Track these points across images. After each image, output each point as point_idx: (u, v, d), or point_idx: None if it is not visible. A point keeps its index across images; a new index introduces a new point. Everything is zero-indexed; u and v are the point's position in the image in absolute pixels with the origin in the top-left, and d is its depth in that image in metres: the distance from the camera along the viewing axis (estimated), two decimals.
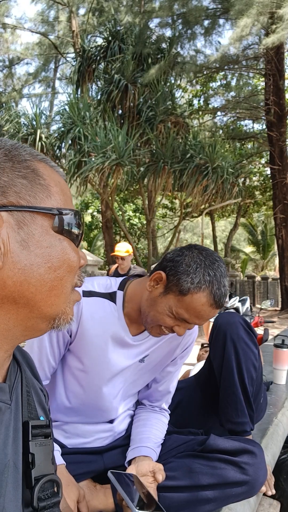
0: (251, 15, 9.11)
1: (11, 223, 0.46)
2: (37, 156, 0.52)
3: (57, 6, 19.80)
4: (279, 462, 1.82)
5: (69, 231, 0.51)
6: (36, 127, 9.77)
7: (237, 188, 10.83)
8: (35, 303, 0.49)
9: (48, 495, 0.54)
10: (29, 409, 0.56)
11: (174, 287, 1.03)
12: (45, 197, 0.49)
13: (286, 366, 2.37)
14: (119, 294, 1.15)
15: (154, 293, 1.08)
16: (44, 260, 0.48)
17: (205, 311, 1.03)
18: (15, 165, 0.48)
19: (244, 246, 31.44)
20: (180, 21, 12.27)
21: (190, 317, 1.04)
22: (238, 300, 4.82)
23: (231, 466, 1.12)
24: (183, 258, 1.05)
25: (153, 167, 10.03)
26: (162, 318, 1.06)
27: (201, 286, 1.01)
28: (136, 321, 1.16)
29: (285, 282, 14.10)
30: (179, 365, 1.33)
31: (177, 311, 1.04)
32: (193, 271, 1.02)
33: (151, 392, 1.35)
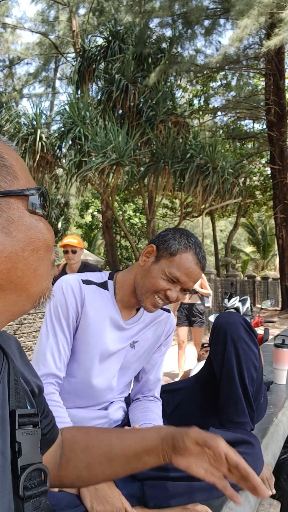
0: (252, 16, 9.11)
1: None
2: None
3: (57, 6, 19.80)
4: (280, 462, 1.82)
5: (41, 210, 0.52)
6: (37, 127, 9.77)
7: (237, 188, 10.82)
8: (23, 287, 0.49)
9: (35, 484, 0.54)
10: (17, 398, 0.56)
11: (165, 252, 1.23)
12: (13, 179, 0.49)
13: (287, 366, 2.37)
14: (110, 283, 1.32)
15: (147, 265, 1.25)
16: (26, 243, 0.49)
17: (193, 269, 1.21)
18: None
19: (244, 246, 31.46)
20: (180, 21, 12.26)
21: (181, 275, 1.20)
22: (239, 300, 4.82)
23: None
24: (167, 232, 1.27)
25: (154, 167, 10.03)
26: (157, 282, 1.21)
27: (187, 247, 1.22)
28: (127, 307, 1.32)
29: (286, 282, 14.10)
30: (163, 352, 1.46)
31: (170, 271, 1.20)
32: (178, 237, 1.24)
33: (143, 383, 1.45)
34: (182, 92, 15.47)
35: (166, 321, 1.42)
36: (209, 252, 29.26)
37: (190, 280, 1.22)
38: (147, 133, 10.35)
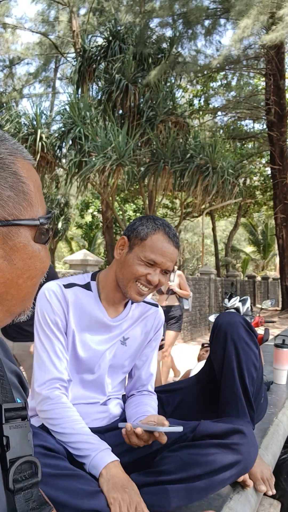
0: (252, 16, 9.11)
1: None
2: (16, 152, 0.49)
3: (58, 6, 19.80)
4: (280, 462, 1.82)
5: (46, 237, 0.52)
6: (37, 127, 9.77)
7: (237, 188, 10.82)
8: (9, 308, 0.50)
9: (26, 476, 0.54)
10: (4, 392, 0.56)
11: (136, 239, 1.25)
12: (27, 206, 0.48)
13: (287, 366, 2.37)
14: (92, 284, 1.33)
15: (122, 257, 1.27)
16: (24, 271, 0.49)
17: (166, 247, 1.23)
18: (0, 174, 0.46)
19: (244, 246, 31.45)
20: (180, 21, 12.26)
21: (156, 256, 1.22)
22: (239, 300, 4.81)
23: (223, 449, 1.14)
24: (135, 221, 1.30)
25: (154, 167, 10.03)
26: (134, 268, 1.23)
27: (155, 228, 1.24)
28: (114, 304, 1.33)
29: (286, 282, 14.10)
30: (154, 347, 1.47)
31: (144, 255, 1.22)
32: (145, 222, 1.27)
33: (136, 379, 1.46)
34: (182, 92, 15.47)
35: (154, 316, 1.43)
36: (210, 252, 29.26)
37: (167, 260, 1.23)
38: (147, 133, 10.35)
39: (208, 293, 11.46)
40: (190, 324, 10.12)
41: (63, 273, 5.69)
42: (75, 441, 1.11)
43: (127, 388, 1.49)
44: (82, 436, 1.11)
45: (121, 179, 9.56)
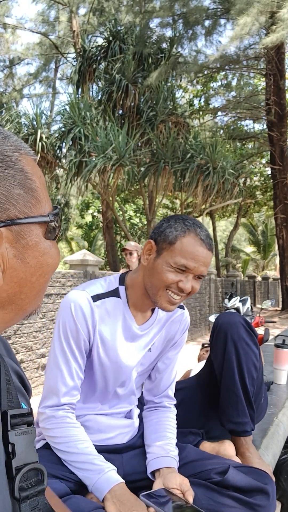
0: (252, 14, 9.11)
1: (9, 238, 0.45)
2: (20, 149, 0.49)
3: (58, 6, 19.80)
4: (280, 462, 1.82)
5: (55, 234, 0.51)
6: (37, 127, 9.77)
7: (237, 188, 10.83)
8: (22, 306, 0.50)
9: (32, 483, 0.53)
10: (9, 398, 0.55)
11: (164, 244, 1.13)
12: (36, 203, 0.48)
13: (287, 366, 2.37)
14: (121, 289, 1.23)
15: (150, 262, 1.16)
16: (37, 269, 0.49)
17: (198, 251, 1.11)
18: (7, 171, 0.45)
19: (244, 246, 31.45)
20: (180, 21, 12.27)
21: (188, 261, 1.10)
22: (239, 300, 4.81)
23: (244, 507, 1.11)
24: (162, 223, 1.18)
25: (154, 167, 10.03)
26: (164, 276, 1.12)
27: (185, 230, 1.12)
28: (141, 309, 1.23)
29: (286, 282, 14.10)
30: (178, 350, 1.39)
31: (174, 260, 1.11)
32: (173, 224, 1.14)
33: (157, 383, 1.38)
34: (182, 92, 15.47)
35: (180, 319, 1.34)
36: None
37: (200, 264, 1.11)
38: (148, 133, 10.35)
39: (208, 293, 11.46)
40: (190, 324, 10.12)
41: (63, 273, 5.69)
42: (79, 461, 1.07)
43: (145, 389, 1.41)
44: (87, 456, 1.07)
45: (121, 179, 9.56)
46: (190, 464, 1.22)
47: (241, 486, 1.13)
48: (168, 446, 1.22)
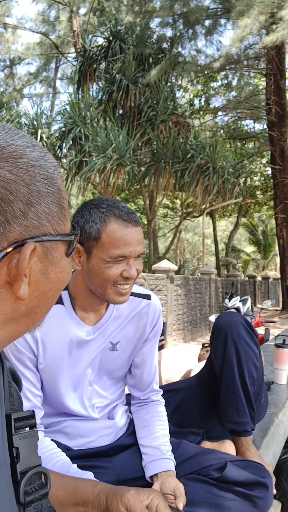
0: (252, 16, 9.11)
1: (39, 253, 0.46)
2: (57, 167, 0.50)
3: (58, 6, 19.80)
4: (280, 462, 1.82)
5: (72, 250, 0.52)
6: (37, 127, 9.78)
7: (238, 188, 10.84)
8: (33, 320, 0.50)
9: (36, 487, 0.53)
10: (11, 400, 0.55)
11: (89, 241, 1.03)
12: (64, 221, 0.49)
13: (287, 366, 2.37)
14: (64, 294, 1.15)
15: (84, 265, 1.07)
16: (55, 284, 0.49)
17: (126, 234, 1.03)
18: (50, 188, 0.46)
19: (245, 246, 31.44)
20: (181, 21, 12.27)
21: (122, 249, 1.02)
22: (239, 300, 4.81)
23: (242, 499, 1.12)
24: (76, 219, 1.07)
25: (154, 167, 10.03)
26: (106, 274, 1.04)
27: (104, 219, 1.02)
28: (92, 310, 1.15)
29: (286, 282, 14.10)
30: (153, 342, 1.30)
31: (108, 254, 1.02)
32: (89, 216, 1.04)
33: (138, 379, 1.33)
34: (182, 92, 15.47)
35: (147, 311, 1.23)
36: (210, 252, 29.25)
37: (134, 245, 1.03)
38: (148, 133, 10.35)
39: (208, 293, 11.46)
40: (191, 324, 10.12)
41: None
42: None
43: (129, 385, 1.37)
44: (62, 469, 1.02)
45: (122, 179, 9.57)
46: (187, 461, 1.22)
47: (240, 481, 1.13)
48: (164, 446, 1.21)
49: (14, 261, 0.44)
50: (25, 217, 0.43)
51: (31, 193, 0.44)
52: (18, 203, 0.43)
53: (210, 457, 1.20)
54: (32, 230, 0.44)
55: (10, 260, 0.44)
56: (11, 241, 0.43)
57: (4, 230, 0.42)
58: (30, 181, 0.44)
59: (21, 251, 0.43)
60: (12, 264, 0.44)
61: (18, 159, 0.44)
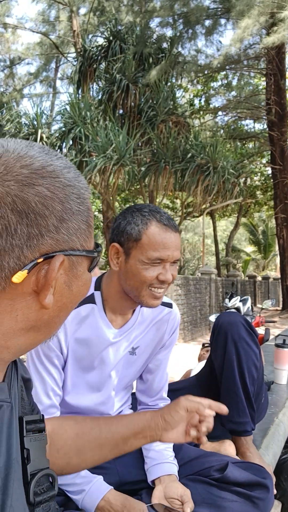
0: (252, 16, 9.11)
1: (66, 266, 0.50)
2: (87, 188, 0.53)
3: (58, 6, 19.79)
4: (280, 462, 1.82)
5: (93, 267, 0.55)
6: (37, 127, 9.78)
7: (238, 187, 10.83)
8: (51, 330, 0.54)
9: (44, 489, 0.55)
10: (23, 404, 0.57)
11: (129, 242, 1.07)
12: (89, 239, 0.53)
13: (287, 366, 2.37)
14: (96, 295, 1.17)
15: (122, 266, 1.10)
16: (75, 297, 0.53)
17: (166, 238, 1.06)
18: (81, 207, 0.50)
19: (245, 246, 31.44)
20: (181, 21, 12.26)
21: (160, 252, 1.05)
22: (239, 300, 4.81)
23: (244, 500, 1.12)
24: (119, 222, 1.11)
25: (154, 167, 10.03)
26: (142, 275, 1.06)
27: (145, 221, 1.06)
28: (121, 312, 1.18)
29: (286, 282, 14.10)
30: (169, 350, 1.33)
31: (147, 256, 1.05)
32: (131, 219, 1.08)
33: (149, 385, 1.34)
34: (183, 92, 15.46)
35: (168, 318, 1.27)
36: (210, 252, 29.24)
37: (172, 250, 1.07)
38: (148, 133, 10.35)
39: (208, 293, 11.46)
40: (191, 324, 10.12)
41: None
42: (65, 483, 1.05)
43: (138, 390, 1.38)
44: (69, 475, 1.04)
45: (122, 179, 9.57)
46: (188, 463, 1.22)
47: (241, 482, 1.14)
48: (167, 451, 1.21)
49: (43, 271, 0.47)
50: (57, 232, 0.47)
51: (64, 210, 0.48)
52: (52, 218, 0.47)
53: (211, 458, 1.21)
54: (62, 244, 0.48)
55: (40, 270, 0.47)
56: (42, 253, 0.46)
57: (38, 242, 0.46)
58: (65, 199, 0.48)
59: (51, 263, 0.47)
60: (41, 274, 0.47)
61: (55, 179, 0.48)
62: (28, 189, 0.45)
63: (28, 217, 0.45)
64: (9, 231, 0.44)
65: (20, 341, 0.50)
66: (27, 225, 0.45)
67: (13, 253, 0.45)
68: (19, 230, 0.45)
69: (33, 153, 0.48)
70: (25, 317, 0.48)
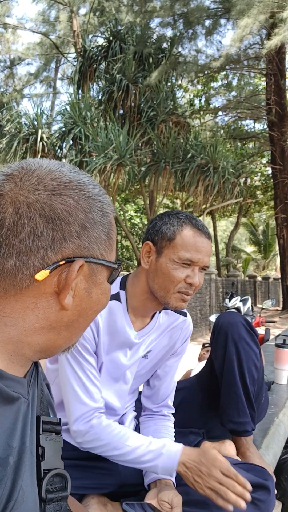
0: (252, 15, 9.11)
1: (86, 272, 0.53)
2: (111, 206, 0.58)
3: (58, 6, 19.79)
4: (280, 462, 1.82)
5: (114, 279, 0.59)
6: (37, 127, 9.77)
7: (238, 188, 10.83)
8: (72, 336, 0.57)
9: (56, 488, 0.57)
10: (42, 407, 0.60)
11: (163, 242, 1.11)
12: (110, 250, 0.57)
13: (287, 366, 2.37)
14: (122, 294, 1.19)
15: (152, 264, 1.13)
16: (95, 305, 0.56)
17: (198, 242, 1.10)
18: (103, 219, 0.55)
19: (245, 246, 31.44)
20: (181, 21, 12.26)
21: (192, 254, 1.09)
22: (240, 300, 4.82)
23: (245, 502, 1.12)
24: (155, 222, 1.16)
25: (154, 167, 10.03)
26: (172, 275, 1.09)
27: (181, 223, 1.11)
28: (142, 315, 1.21)
29: (287, 282, 14.09)
30: (179, 358, 1.35)
31: (178, 256, 1.08)
32: (168, 220, 1.13)
33: (156, 390, 1.35)
34: (183, 92, 15.47)
35: (182, 326, 1.29)
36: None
37: (204, 255, 1.10)
38: (148, 133, 10.35)
39: (208, 293, 11.46)
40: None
41: None
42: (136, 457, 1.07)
43: (144, 395, 1.39)
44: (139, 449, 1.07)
45: (122, 179, 9.56)
46: None
47: None
48: None
49: (64, 274, 0.51)
50: (79, 238, 0.52)
51: (87, 219, 0.52)
52: (75, 225, 0.51)
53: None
54: (83, 250, 0.52)
55: (61, 273, 0.51)
56: (64, 256, 0.51)
57: (61, 245, 0.50)
58: (88, 210, 0.53)
59: (71, 265, 0.51)
60: (62, 276, 0.51)
61: (81, 191, 0.53)
62: (56, 198, 0.51)
63: (54, 222, 0.50)
64: (36, 233, 0.49)
65: (41, 340, 0.53)
66: (52, 229, 0.50)
67: (38, 254, 0.49)
68: (45, 233, 0.49)
69: (64, 169, 0.54)
70: (46, 316, 0.52)
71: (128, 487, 1.18)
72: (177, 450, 1.06)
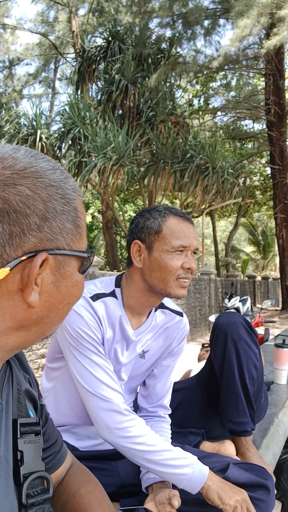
0: (251, 16, 9.11)
1: (52, 265, 0.50)
2: (76, 190, 0.54)
3: (57, 7, 19.78)
4: (280, 462, 1.82)
5: (85, 268, 0.55)
6: (36, 128, 9.77)
7: (237, 188, 10.83)
8: (44, 330, 0.53)
9: (38, 491, 0.55)
10: (19, 407, 0.57)
11: (151, 236, 1.13)
12: (79, 239, 0.53)
13: (287, 366, 2.37)
14: (117, 291, 1.20)
15: (145, 261, 1.15)
16: (65, 297, 0.53)
17: (184, 227, 1.14)
18: (66, 207, 0.51)
19: (244, 246, 31.45)
20: (180, 21, 12.27)
21: (182, 240, 1.12)
22: (239, 300, 4.82)
23: None
24: (137, 221, 1.18)
25: (154, 167, 10.03)
26: (169, 265, 1.11)
27: (164, 215, 1.14)
28: (138, 313, 1.21)
29: (286, 282, 14.10)
30: (175, 358, 1.35)
31: (171, 244, 1.11)
32: (149, 215, 1.15)
33: (151, 390, 1.35)
34: (182, 92, 15.47)
35: (178, 326, 1.30)
36: (210, 252, 29.24)
37: (192, 238, 1.14)
38: (147, 133, 10.35)
39: (208, 293, 11.46)
40: (190, 324, 10.12)
41: None
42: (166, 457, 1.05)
43: (140, 394, 1.38)
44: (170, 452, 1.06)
45: (121, 180, 9.56)
46: None
47: (242, 483, 1.13)
48: None
49: (27, 269, 0.47)
50: (40, 230, 0.48)
51: (47, 209, 0.48)
52: (34, 217, 0.47)
53: (211, 460, 1.20)
54: (46, 242, 0.48)
55: (24, 269, 0.48)
56: (25, 251, 0.47)
57: (20, 240, 0.47)
58: (47, 199, 0.48)
59: (33, 260, 0.47)
60: (25, 272, 0.47)
61: (38, 179, 0.48)
62: (9, 189, 0.46)
63: (9, 216, 0.46)
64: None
65: (10, 339, 0.50)
66: (9, 224, 0.46)
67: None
68: (1, 229, 0.45)
69: (18, 155, 0.49)
70: (12, 315, 0.49)
71: (128, 488, 1.18)
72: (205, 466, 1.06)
